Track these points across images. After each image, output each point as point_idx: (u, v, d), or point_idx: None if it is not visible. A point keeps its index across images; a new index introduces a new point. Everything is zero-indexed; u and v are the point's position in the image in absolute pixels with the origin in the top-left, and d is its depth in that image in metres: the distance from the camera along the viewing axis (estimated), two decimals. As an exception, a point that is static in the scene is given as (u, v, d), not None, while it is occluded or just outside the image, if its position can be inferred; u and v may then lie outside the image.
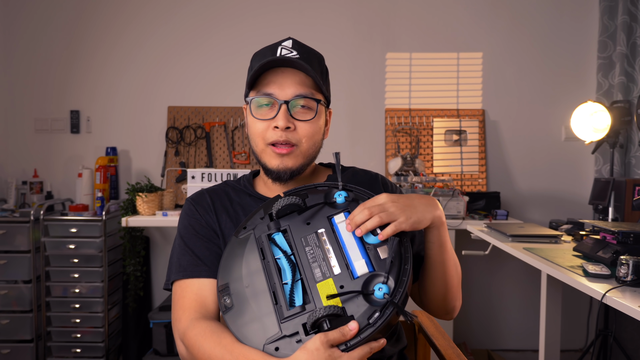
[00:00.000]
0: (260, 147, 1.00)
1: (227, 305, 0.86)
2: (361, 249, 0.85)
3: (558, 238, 2.01)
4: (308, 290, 0.82)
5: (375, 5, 2.92)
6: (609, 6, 2.74)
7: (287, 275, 0.85)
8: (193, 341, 0.87)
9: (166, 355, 2.56)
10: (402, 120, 2.90)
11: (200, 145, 2.87)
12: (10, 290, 2.51)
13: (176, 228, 1.09)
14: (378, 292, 0.79)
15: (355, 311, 0.78)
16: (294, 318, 0.80)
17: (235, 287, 0.87)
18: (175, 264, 1.00)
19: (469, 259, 2.87)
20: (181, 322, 0.92)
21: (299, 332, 0.79)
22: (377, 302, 0.79)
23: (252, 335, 0.82)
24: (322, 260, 0.85)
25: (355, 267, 0.83)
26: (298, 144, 0.98)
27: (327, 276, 0.83)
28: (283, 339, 0.79)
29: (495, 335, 2.97)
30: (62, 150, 2.93)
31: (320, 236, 0.88)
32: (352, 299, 0.80)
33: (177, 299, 0.97)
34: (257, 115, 0.98)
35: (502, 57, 2.93)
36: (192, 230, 1.01)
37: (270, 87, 0.97)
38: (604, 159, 2.75)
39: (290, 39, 1.01)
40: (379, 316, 0.78)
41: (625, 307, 1.20)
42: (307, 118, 0.98)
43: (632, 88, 2.63)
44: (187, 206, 1.05)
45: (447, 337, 1.20)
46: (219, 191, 1.07)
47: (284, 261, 0.86)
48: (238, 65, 2.90)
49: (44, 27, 2.90)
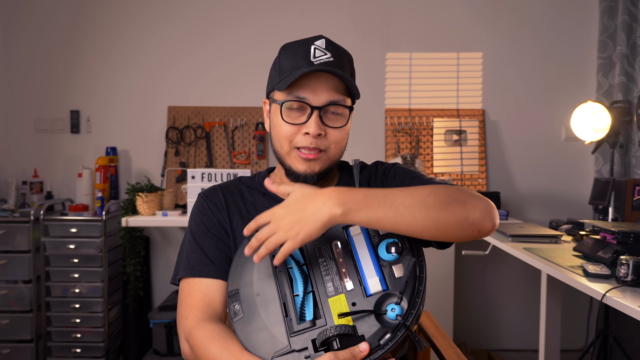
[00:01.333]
0: (285, 150, 0.97)
1: (236, 311, 0.85)
2: (375, 265, 0.83)
3: (558, 238, 2.01)
4: (319, 305, 0.81)
5: (375, 5, 2.92)
6: (609, 6, 2.74)
7: (298, 287, 0.84)
8: (199, 343, 0.86)
9: (166, 355, 2.56)
10: (402, 120, 2.90)
11: (200, 145, 2.87)
12: (10, 290, 2.51)
13: (176, 228, 1.09)
14: (391, 312, 0.78)
15: (366, 331, 0.77)
16: (303, 333, 0.79)
17: (246, 293, 0.86)
18: (184, 261, 0.99)
19: (469, 259, 2.87)
20: (188, 321, 0.91)
21: (308, 348, 0.78)
22: (389, 323, 0.78)
23: (260, 345, 0.81)
24: (335, 274, 0.83)
25: (369, 284, 0.81)
26: (327, 150, 0.97)
27: (339, 291, 0.82)
28: (291, 353, 0.78)
29: (495, 335, 2.97)
30: (62, 150, 2.93)
31: (335, 248, 0.86)
32: (364, 318, 0.78)
33: (184, 297, 0.95)
34: (287, 119, 0.95)
35: (502, 57, 2.93)
36: (203, 227, 1.00)
37: (303, 91, 0.94)
38: (604, 159, 2.75)
39: (323, 38, 0.98)
40: (390, 338, 0.76)
41: (625, 307, 1.20)
42: (338, 125, 0.96)
43: (632, 88, 2.63)
44: (200, 202, 1.04)
45: (447, 337, 1.20)
46: (233, 189, 1.06)
47: (297, 271, 0.85)
48: (238, 65, 2.91)
49: (44, 27, 2.90)
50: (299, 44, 0.98)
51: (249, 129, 2.88)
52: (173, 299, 2.74)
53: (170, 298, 2.76)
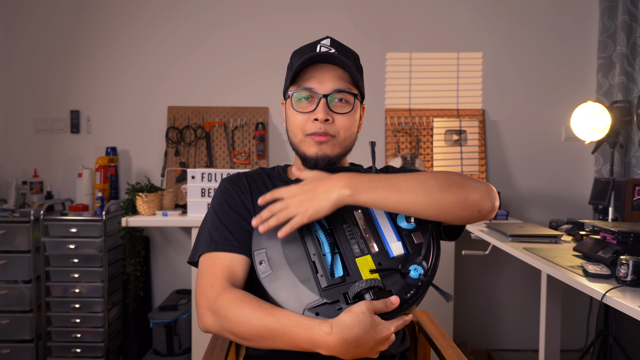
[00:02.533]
0: (299, 138, 1.05)
1: (264, 269, 0.89)
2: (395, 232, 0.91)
3: (558, 238, 2.01)
4: (347, 264, 0.87)
5: (375, 5, 2.92)
6: (609, 6, 2.74)
7: (325, 248, 0.89)
8: (228, 304, 0.86)
9: (166, 355, 2.56)
10: (402, 120, 2.90)
11: (200, 145, 2.87)
12: (10, 290, 2.51)
13: (176, 228, 1.10)
14: (414, 272, 0.86)
15: (393, 287, 0.85)
16: (335, 287, 0.84)
17: (272, 253, 0.90)
18: (206, 238, 1.00)
19: (469, 258, 2.87)
20: (213, 288, 0.91)
21: (340, 301, 0.83)
22: (413, 280, 0.85)
23: (291, 299, 0.84)
24: (360, 237, 0.90)
25: (392, 247, 0.89)
26: (336, 135, 1.04)
27: (365, 253, 0.88)
28: (324, 305, 0.83)
29: (495, 335, 2.97)
30: (62, 150, 2.93)
31: (358, 216, 0.93)
32: (390, 276, 0.86)
33: (206, 268, 0.95)
34: (298, 108, 1.04)
35: (502, 57, 2.93)
36: (227, 207, 1.04)
37: (310, 82, 1.03)
38: (604, 159, 2.75)
39: (329, 38, 1.07)
40: (414, 293, 0.84)
41: (625, 307, 1.20)
42: (344, 111, 1.04)
43: (632, 88, 2.63)
44: (224, 185, 1.09)
45: (447, 337, 1.20)
46: (255, 175, 1.12)
47: (322, 234, 0.91)
48: (238, 65, 2.91)
49: (44, 27, 2.90)
50: (307, 45, 1.08)
51: (249, 129, 2.88)
52: (173, 299, 2.74)
53: (170, 298, 2.76)
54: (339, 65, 1.03)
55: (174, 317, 2.54)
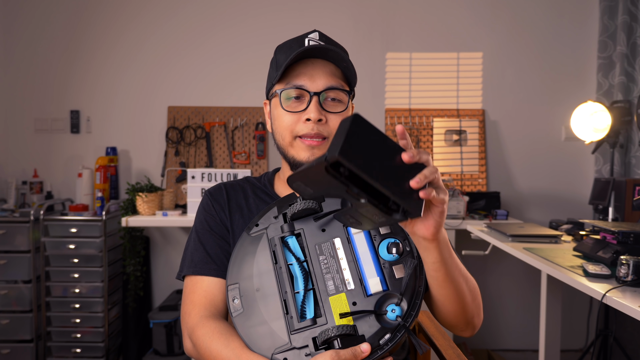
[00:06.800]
0: (287, 140, 0.96)
1: (235, 307, 0.85)
2: (376, 264, 0.83)
3: (558, 238, 2.01)
4: (320, 303, 0.82)
5: (375, 5, 2.92)
6: (609, 6, 2.74)
7: (299, 284, 0.84)
8: (201, 340, 0.87)
9: (166, 355, 2.56)
10: (402, 120, 2.90)
11: (200, 145, 2.87)
12: (10, 290, 2.51)
13: (176, 228, 1.11)
14: (391, 313, 0.79)
15: (366, 331, 0.78)
16: (304, 331, 0.80)
17: (245, 287, 0.86)
18: (188, 259, 1.00)
19: (469, 259, 2.87)
20: (191, 317, 0.92)
21: (309, 346, 0.79)
22: (389, 323, 0.79)
23: (260, 341, 0.81)
24: (335, 272, 0.83)
25: (370, 284, 0.82)
26: (329, 136, 0.95)
27: (340, 290, 0.82)
28: (292, 350, 0.79)
29: (495, 335, 2.97)
30: (62, 150, 2.93)
31: (336, 246, 0.86)
32: (364, 318, 0.79)
33: (187, 293, 0.97)
34: (287, 108, 0.95)
35: (502, 57, 2.92)
36: (207, 226, 1.01)
37: (300, 79, 0.94)
38: (604, 158, 2.75)
39: (316, 31, 0.99)
40: (389, 338, 0.77)
41: (625, 307, 1.20)
42: (338, 110, 0.95)
43: (632, 88, 2.63)
44: (205, 200, 1.05)
45: (447, 337, 1.20)
46: (237, 187, 1.06)
47: (297, 268, 0.85)
48: (238, 65, 2.91)
49: (44, 27, 2.90)
50: (293, 39, 0.99)
51: (249, 129, 2.88)
52: (173, 299, 2.74)
53: (170, 298, 2.76)
54: (332, 60, 0.95)
55: (174, 317, 2.54)
